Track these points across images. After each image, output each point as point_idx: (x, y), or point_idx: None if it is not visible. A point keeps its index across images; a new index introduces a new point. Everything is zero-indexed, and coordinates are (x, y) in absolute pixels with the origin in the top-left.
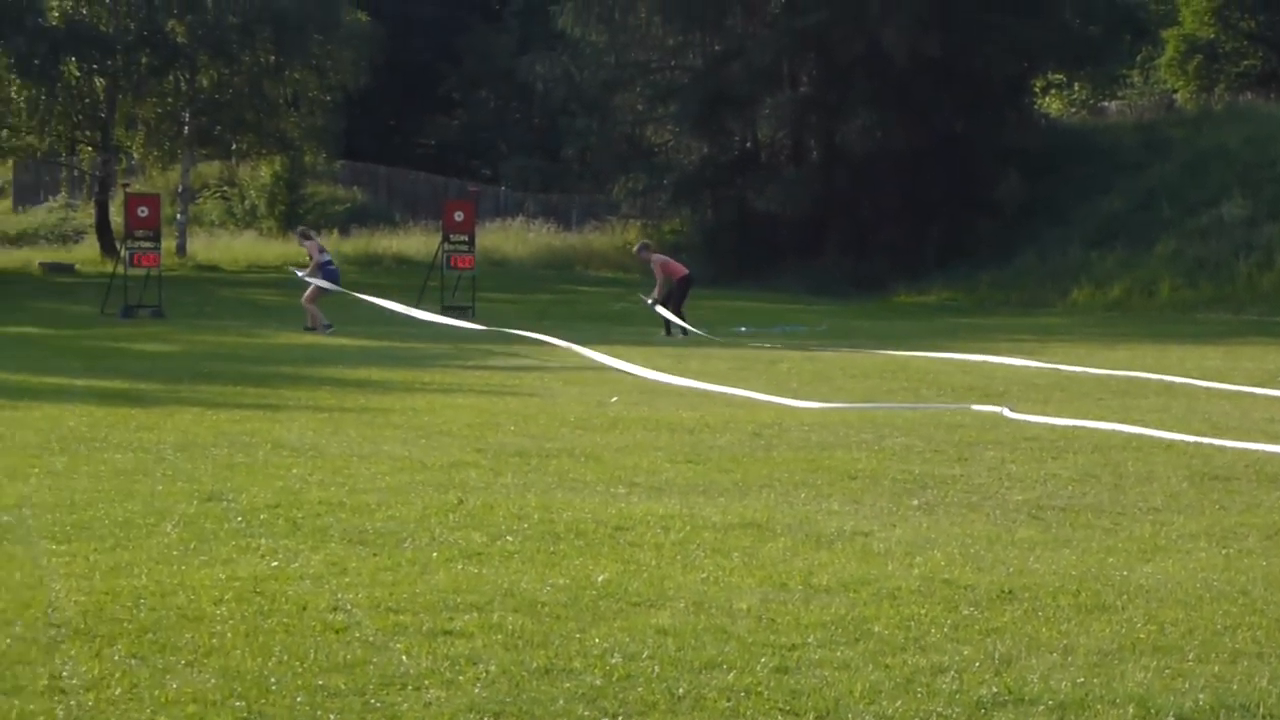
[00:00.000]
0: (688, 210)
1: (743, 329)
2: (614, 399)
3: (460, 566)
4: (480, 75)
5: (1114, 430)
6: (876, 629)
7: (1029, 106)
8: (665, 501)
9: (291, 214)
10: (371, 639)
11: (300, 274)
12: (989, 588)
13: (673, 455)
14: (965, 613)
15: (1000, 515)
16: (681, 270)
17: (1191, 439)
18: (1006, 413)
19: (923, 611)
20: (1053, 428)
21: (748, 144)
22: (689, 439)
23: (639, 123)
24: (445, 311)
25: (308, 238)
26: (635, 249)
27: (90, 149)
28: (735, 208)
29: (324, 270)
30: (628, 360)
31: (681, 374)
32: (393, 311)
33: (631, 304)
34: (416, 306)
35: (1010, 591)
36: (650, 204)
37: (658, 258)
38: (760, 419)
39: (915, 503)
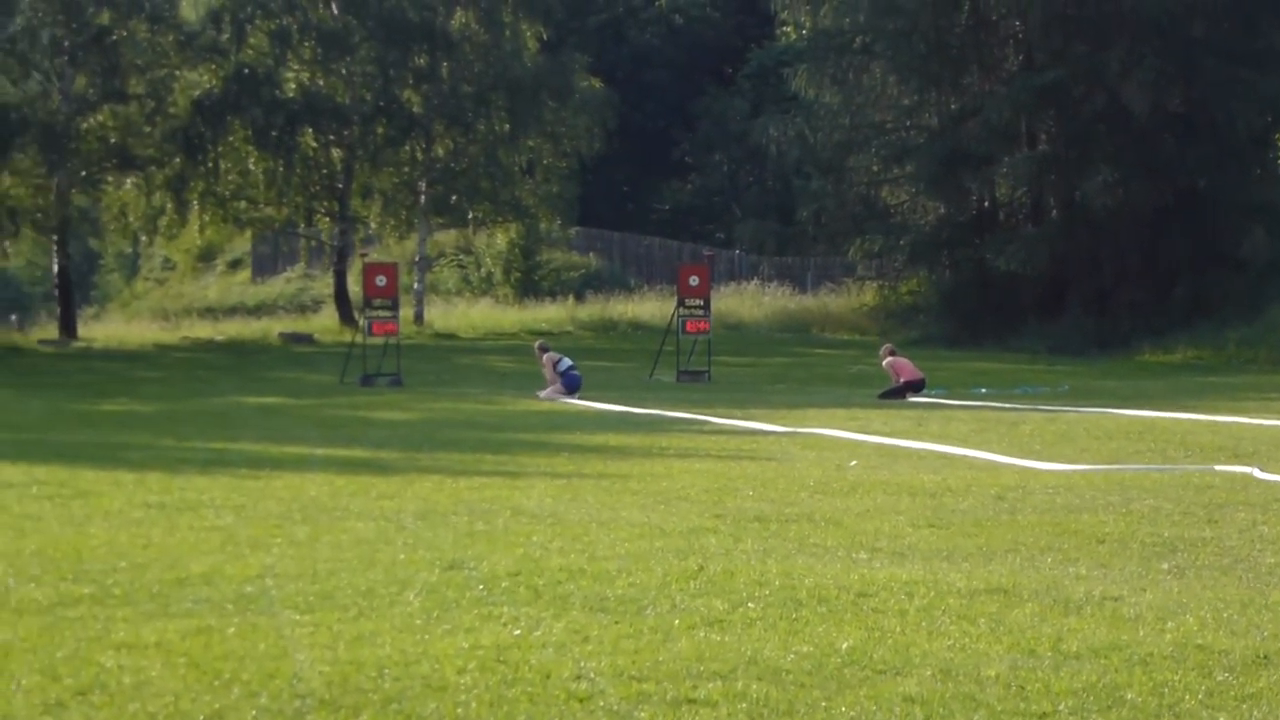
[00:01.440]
0: (924, 270)
1: (982, 390)
2: (853, 463)
3: (702, 634)
4: (714, 139)
5: None
6: (1129, 696)
7: (1274, 161)
8: (908, 567)
9: (527, 281)
10: (615, 707)
11: (541, 395)
12: (1244, 653)
13: (915, 519)
14: (1220, 679)
15: (1253, 579)
16: (911, 373)
17: None
18: (1257, 473)
19: (1176, 678)
20: None
21: (985, 203)
22: (931, 503)
23: (874, 183)
24: (681, 377)
25: (544, 349)
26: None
27: (327, 219)
28: (973, 267)
29: (565, 378)
30: (867, 426)
31: (921, 437)
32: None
33: (869, 366)
34: (652, 372)
35: (1266, 657)
36: (886, 265)
37: (890, 360)
38: (1003, 482)
39: (1165, 566)
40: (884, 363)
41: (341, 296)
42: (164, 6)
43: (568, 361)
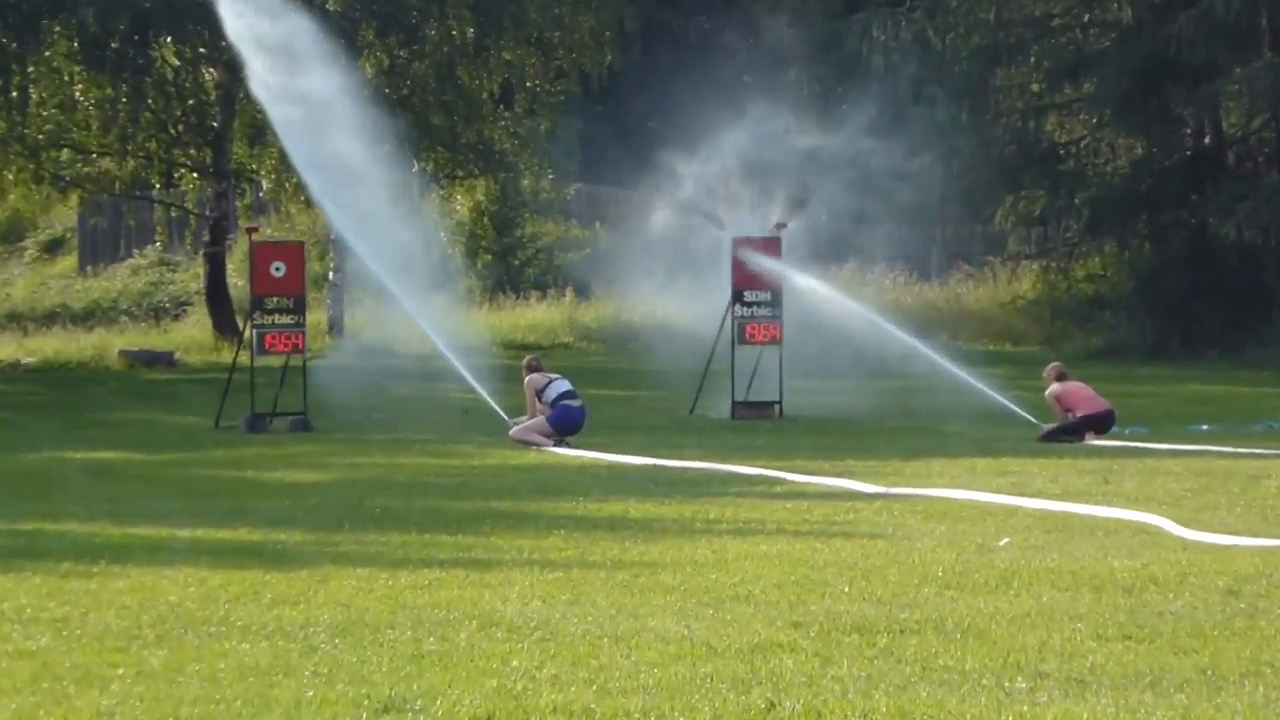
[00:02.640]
0: (1112, 243)
1: (1203, 427)
2: (1004, 541)
3: None
4: (786, 47)
5: None
6: None
7: None
8: (1092, 701)
9: (502, 266)
10: None
11: (514, 432)
12: None
13: (1100, 628)
14: None
15: None
16: (1092, 403)
17: None
18: None
19: None
20: None
21: (1206, 139)
22: (1125, 601)
23: (1035, 111)
24: (737, 409)
25: (533, 369)
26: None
27: (195, 177)
28: (1188, 237)
29: (557, 410)
30: (1026, 484)
31: (1109, 500)
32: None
33: (1029, 392)
34: (694, 405)
35: None
36: (1054, 236)
37: (1056, 387)
38: (1237, 568)
39: None
40: (1048, 392)
41: (217, 295)
42: None
43: (563, 385)
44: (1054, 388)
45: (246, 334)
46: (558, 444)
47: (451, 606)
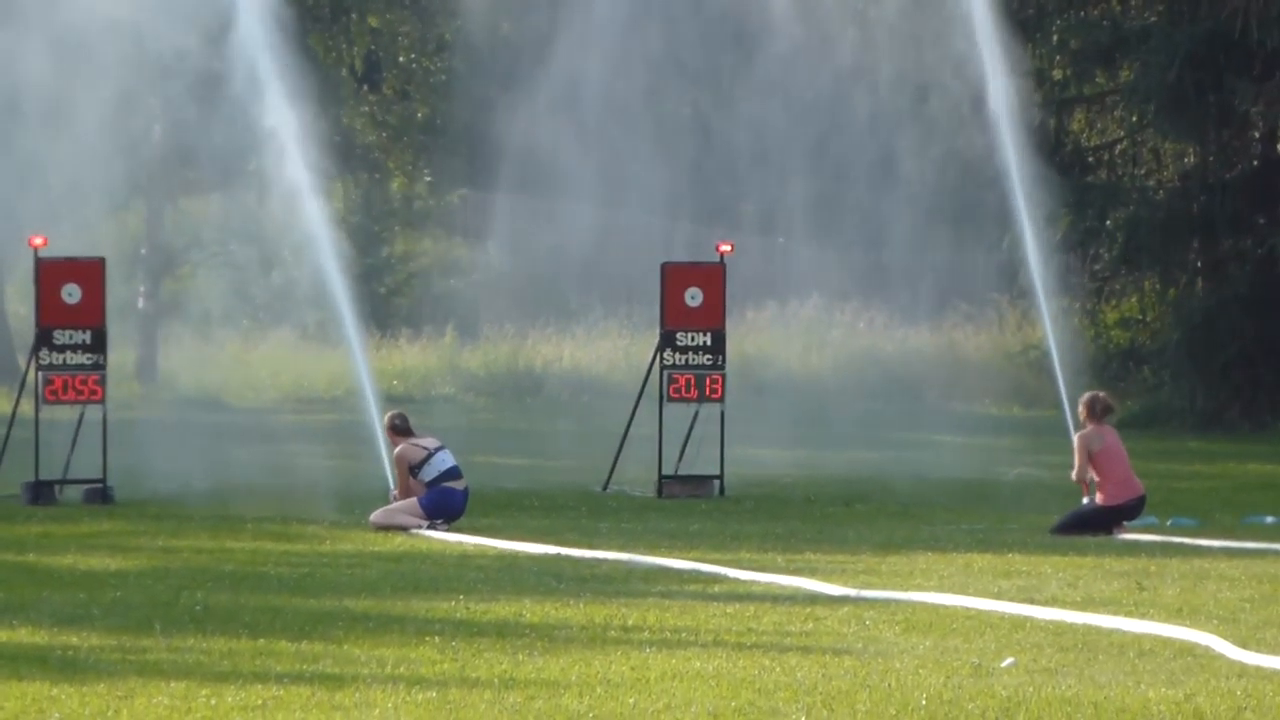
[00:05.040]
0: (1154, 279)
1: (1267, 519)
2: (1008, 661)
3: None
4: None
5: None
6: None
7: None
8: None
9: (365, 295)
10: None
11: (376, 517)
12: None
13: None
14: None
15: None
16: (1122, 482)
17: None
18: None
19: None
20: None
21: (1279, 145)
22: None
23: (1057, 106)
24: (666, 484)
25: (399, 430)
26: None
27: None
28: (1252, 273)
29: (432, 495)
30: (1036, 587)
31: (1143, 611)
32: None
33: (1041, 470)
34: (609, 478)
35: None
36: (1079, 267)
37: (1091, 432)
38: None
39: None
40: (1079, 435)
41: None
42: None
43: (446, 460)
44: (1089, 431)
45: (29, 376)
46: (431, 526)
47: None
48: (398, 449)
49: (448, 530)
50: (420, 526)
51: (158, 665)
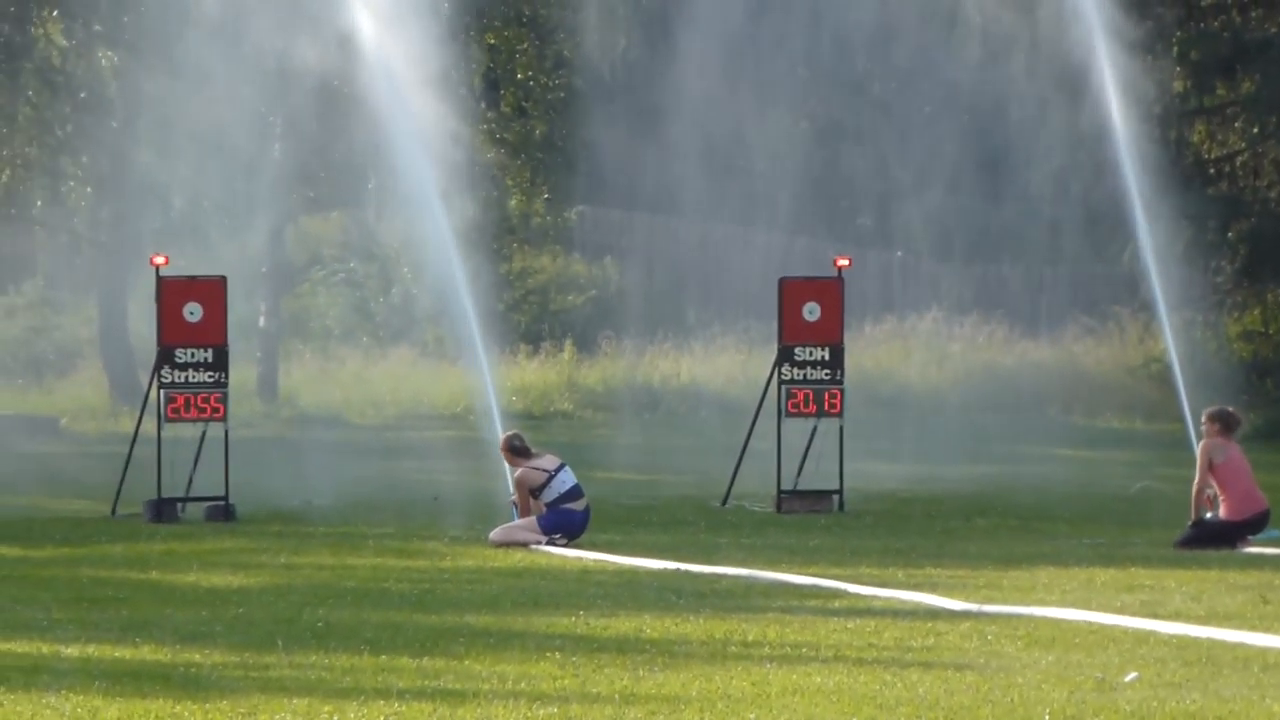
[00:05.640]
0: (1276, 289)
1: None
2: (1132, 675)
3: None
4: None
5: None
6: None
7: None
8: None
9: (487, 313)
10: None
11: (495, 535)
12: None
13: None
14: None
15: None
16: (1246, 496)
17: None
18: None
19: None
20: None
21: None
22: None
23: (1177, 117)
24: (785, 500)
25: (516, 452)
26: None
27: (89, 191)
28: None
29: (552, 516)
30: (1160, 602)
31: (1269, 623)
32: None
33: (1167, 484)
34: (729, 493)
35: None
36: (1199, 280)
37: (1217, 445)
38: None
39: None
40: (1202, 447)
41: (115, 345)
42: None
43: (567, 480)
44: (1212, 442)
45: (151, 395)
46: (551, 541)
47: None
48: (518, 473)
49: (567, 546)
50: (540, 540)
51: (280, 682)
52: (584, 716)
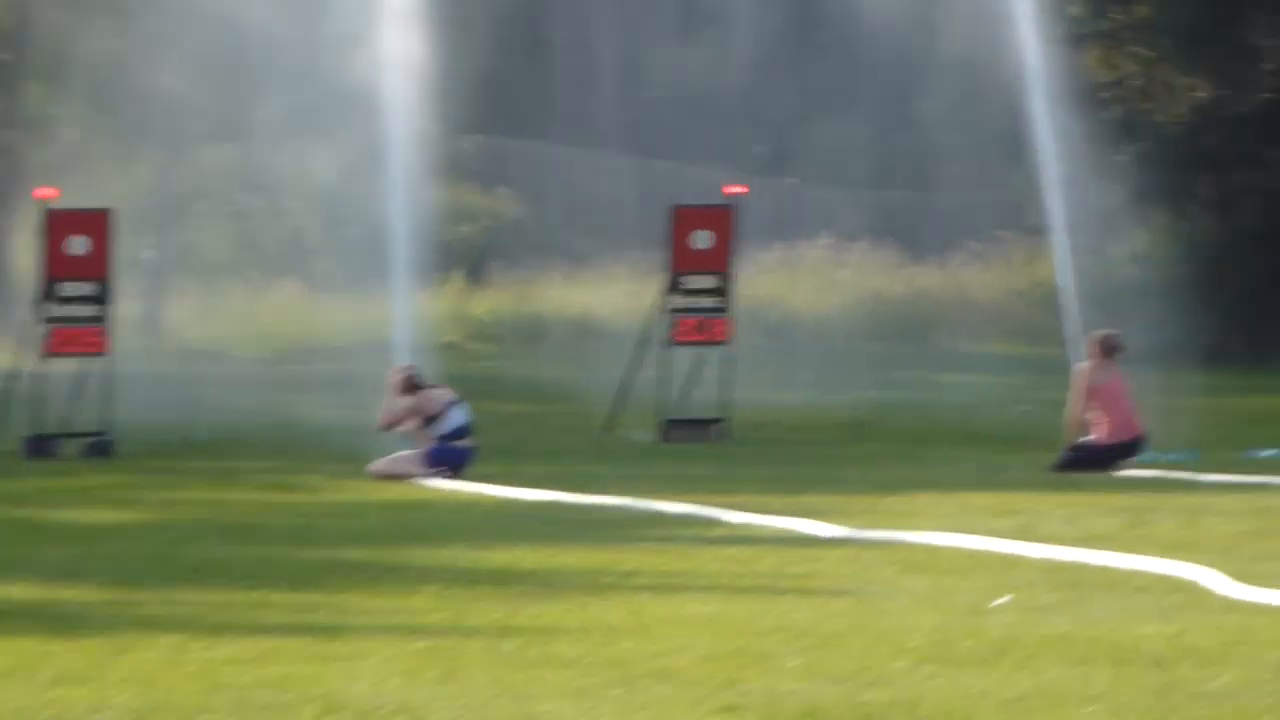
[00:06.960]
0: (1164, 214)
1: (1265, 453)
2: (1002, 599)
3: None
4: None
5: None
6: None
7: None
8: None
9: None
10: None
11: (376, 466)
12: None
13: (1121, 713)
14: None
15: None
16: (1123, 424)
17: None
18: None
19: None
20: None
21: None
22: (1155, 678)
23: (1073, 41)
24: (671, 430)
25: (417, 387)
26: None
27: None
28: (1263, 208)
29: (439, 450)
30: (1032, 525)
31: (1139, 547)
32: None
33: (1047, 405)
34: (611, 423)
35: None
36: (1085, 204)
37: (1092, 366)
38: None
39: None
40: (1079, 368)
41: None
42: None
43: (460, 416)
44: (1091, 365)
45: (31, 329)
46: (434, 475)
47: (285, 686)
48: (414, 399)
49: (449, 478)
50: (420, 474)
51: (153, 618)
52: (460, 648)
